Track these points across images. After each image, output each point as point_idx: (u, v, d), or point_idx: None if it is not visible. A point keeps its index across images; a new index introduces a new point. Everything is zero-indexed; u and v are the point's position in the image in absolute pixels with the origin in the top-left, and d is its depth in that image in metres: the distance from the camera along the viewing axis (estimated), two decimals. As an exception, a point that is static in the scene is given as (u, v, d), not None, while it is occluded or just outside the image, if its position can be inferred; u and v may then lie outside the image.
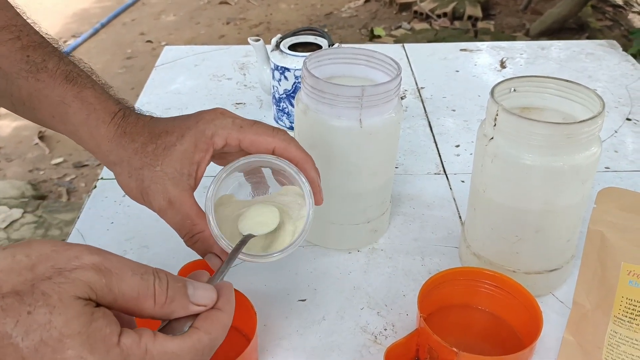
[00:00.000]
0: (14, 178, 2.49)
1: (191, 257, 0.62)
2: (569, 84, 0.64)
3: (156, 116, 0.58)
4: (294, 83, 0.95)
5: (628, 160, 0.92)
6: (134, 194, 0.55)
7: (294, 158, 0.55)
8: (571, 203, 0.62)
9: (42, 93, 0.55)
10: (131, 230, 0.78)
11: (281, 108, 0.99)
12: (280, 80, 0.96)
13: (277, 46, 0.97)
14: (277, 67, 0.96)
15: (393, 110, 0.67)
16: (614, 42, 1.30)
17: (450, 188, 0.87)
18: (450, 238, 0.77)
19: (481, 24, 3.68)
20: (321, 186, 0.56)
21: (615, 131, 1.00)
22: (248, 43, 1.01)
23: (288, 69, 0.94)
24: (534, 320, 0.58)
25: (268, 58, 0.99)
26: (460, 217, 0.81)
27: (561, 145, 0.58)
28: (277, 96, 0.99)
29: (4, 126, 2.81)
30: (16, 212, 2.20)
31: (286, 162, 0.54)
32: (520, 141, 0.59)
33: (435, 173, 0.90)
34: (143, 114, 0.58)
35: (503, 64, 1.22)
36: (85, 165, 2.55)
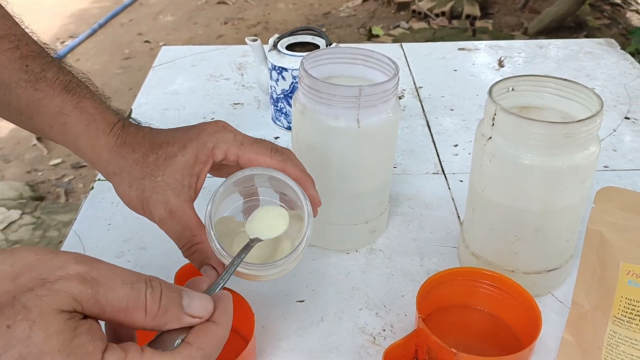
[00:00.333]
0: (12, 179, 2.49)
1: (189, 259, 0.62)
2: (568, 83, 0.64)
3: (155, 127, 0.58)
4: (292, 83, 0.95)
5: (627, 159, 0.92)
6: (134, 204, 0.55)
7: (293, 179, 0.54)
8: (570, 203, 0.62)
9: (41, 103, 0.55)
10: (129, 231, 0.78)
11: (279, 108, 0.99)
12: (277, 80, 0.96)
13: (275, 46, 0.97)
14: (275, 67, 0.95)
15: (391, 110, 0.67)
16: (612, 41, 1.30)
17: (448, 188, 0.86)
18: (448, 238, 0.77)
19: (479, 23, 3.68)
20: (317, 190, 0.56)
21: (614, 130, 1.00)
22: (246, 43, 1.01)
23: (285, 69, 0.94)
24: (533, 320, 0.58)
25: (265, 58, 0.99)
26: (458, 217, 0.80)
27: (560, 144, 0.58)
28: (275, 96, 0.98)
29: (2, 127, 2.80)
30: (14, 214, 2.19)
31: (288, 178, 0.54)
32: (518, 141, 0.59)
33: (433, 173, 0.90)
34: (142, 125, 0.58)
35: (501, 63, 1.21)
36: (83, 166, 2.55)
